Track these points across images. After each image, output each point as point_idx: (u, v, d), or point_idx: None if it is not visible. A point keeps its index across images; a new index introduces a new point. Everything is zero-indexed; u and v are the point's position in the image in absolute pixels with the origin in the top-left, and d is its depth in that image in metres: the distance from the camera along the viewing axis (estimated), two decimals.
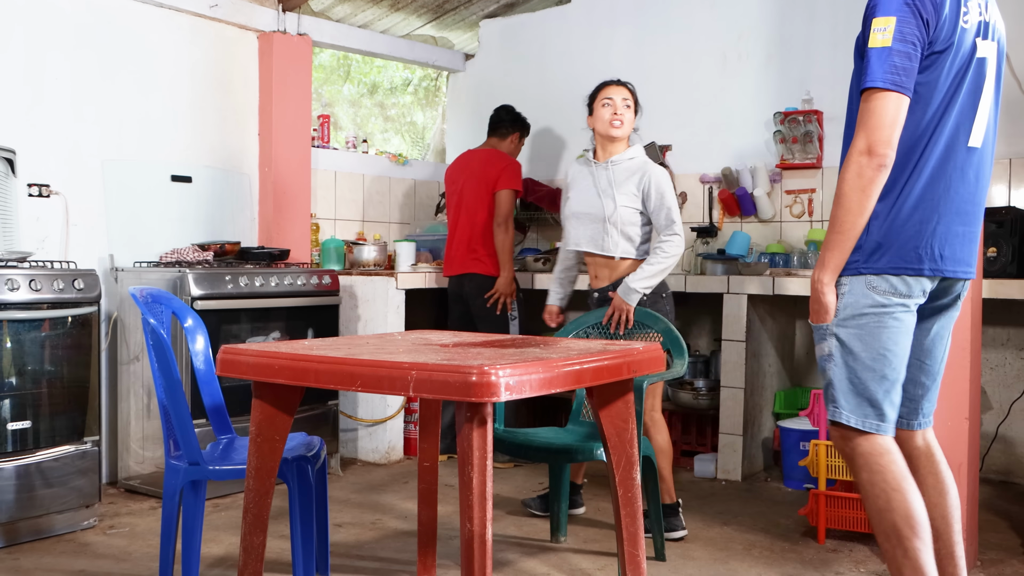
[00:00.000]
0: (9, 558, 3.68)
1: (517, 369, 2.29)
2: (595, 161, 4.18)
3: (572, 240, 4.21)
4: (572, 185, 4.26)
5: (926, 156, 2.54)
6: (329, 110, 6.91)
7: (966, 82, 2.55)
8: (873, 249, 2.56)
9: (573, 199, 4.21)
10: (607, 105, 4.12)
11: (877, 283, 2.57)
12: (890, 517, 2.53)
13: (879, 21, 2.48)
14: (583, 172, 4.24)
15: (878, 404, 2.59)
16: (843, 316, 2.60)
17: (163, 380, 3.11)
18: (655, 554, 3.70)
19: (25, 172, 4.53)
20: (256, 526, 2.83)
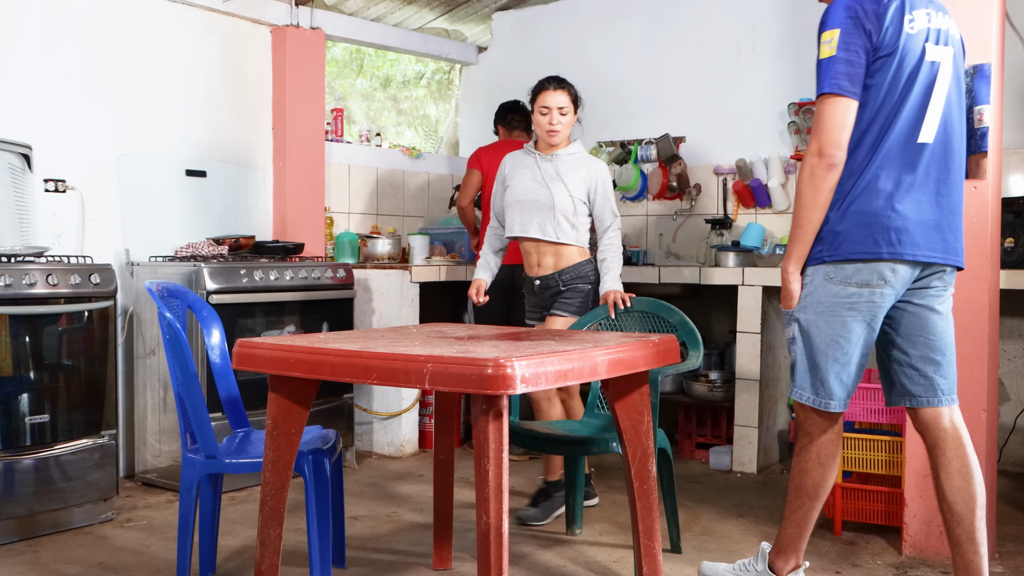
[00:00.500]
0: (29, 551, 3.71)
1: (533, 361, 2.29)
2: (538, 152, 4.19)
3: (517, 227, 4.17)
4: (512, 175, 4.23)
5: (879, 152, 2.77)
6: (342, 104, 6.91)
7: (916, 83, 2.77)
8: (832, 239, 2.81)
9: (516, 187, 4.18)
10: (544, 114, 4.11)
11: (834, 272, 2.82)
12: (804, 480, 2.99)
13: (825, 35, 2.75)
14: (525, 162, 4.22)
15: (828, 384, 2.88)
16: (804, 303, 2.89)
17: (179, 374, 3.12)
18: (671, 546, 3.70)
19: (41, 168, 4.55)
20: (273, 518, 2.85)
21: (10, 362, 3.76)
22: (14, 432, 3.77)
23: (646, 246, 6.02)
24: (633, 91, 6.10)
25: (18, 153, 4.38)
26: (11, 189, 4.34)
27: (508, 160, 4.30)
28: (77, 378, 3.98)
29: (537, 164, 4.18)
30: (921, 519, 3.62)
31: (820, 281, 2.85)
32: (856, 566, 3.56)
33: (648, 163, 5.99)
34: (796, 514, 3.05)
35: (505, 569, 2.36)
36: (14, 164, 4.36)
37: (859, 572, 3.49)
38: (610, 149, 6.14)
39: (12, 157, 4.35)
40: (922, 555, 3.62)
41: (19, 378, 3.79)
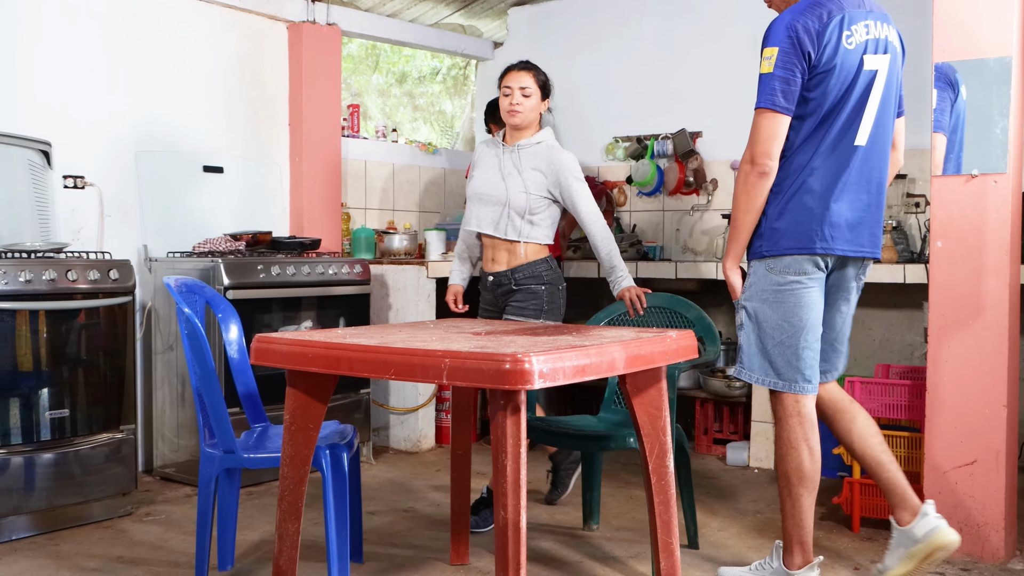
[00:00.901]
0: (50, 544, 3.73)
1: (551, 356, 2.29)
2: (503, 144, 4.02)
3: (474, 221, 4.03)
4: (477, 164, 4.10)
5: (816, 156, 3.01)
6: (358, 100, 6.92)
7: (853, 93, 2.99)
8: (771, 235, 3.05)
9: (477, 179, 4.05)
10: (506, 95, 3.96)
11: (774, 264, 3.05)
12: (783, 467, 3.12)
13: (767, 51, 3.01)
14: (489, 153, 4.07)
15: (776, 366, 3.09)
16: (749, 293, 3.12)
17: (198, 369, 3.13)
18: (688, 541, 3.70)
19: (61, 164, 4.57)
20: (291, 513, 2.85)
21: (30, 357, 3.78)
22: (34, 427, 3.80)
23: (663, 241, 6.00)
24: (649, 86, 6.09)
25: (38, 150, 4.41)
26: (31, 186, 4.37)
27: (478, 149, 4.16)
28: (96, 373, 4.00)
29: (499, 156, 4.00)
30: (941, 515, 3.59)
31: (762, 272, 3.09)
32: (875, 562, 3.53)
33: (664, 158, 5.98)
34: (786, 504, 3.14)
35: (523, 564, 2.36)
36: (34, 161, 4.39)
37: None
38: (626, 144, 6.12)
39: (32, 154, 4.38)
40: None
41: (39, 373, 3.81)
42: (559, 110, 6.34)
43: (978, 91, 3.53)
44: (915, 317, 5.12)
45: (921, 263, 4.55)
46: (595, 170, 6.31)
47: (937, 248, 3.63)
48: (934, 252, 3.64)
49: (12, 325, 3.72)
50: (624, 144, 6.14)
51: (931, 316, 3.66)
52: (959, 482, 3.57)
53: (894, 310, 5.23)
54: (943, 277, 3.62)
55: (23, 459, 3.76)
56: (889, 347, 5.26)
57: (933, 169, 3.63)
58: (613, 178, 6.24)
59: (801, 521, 3.12)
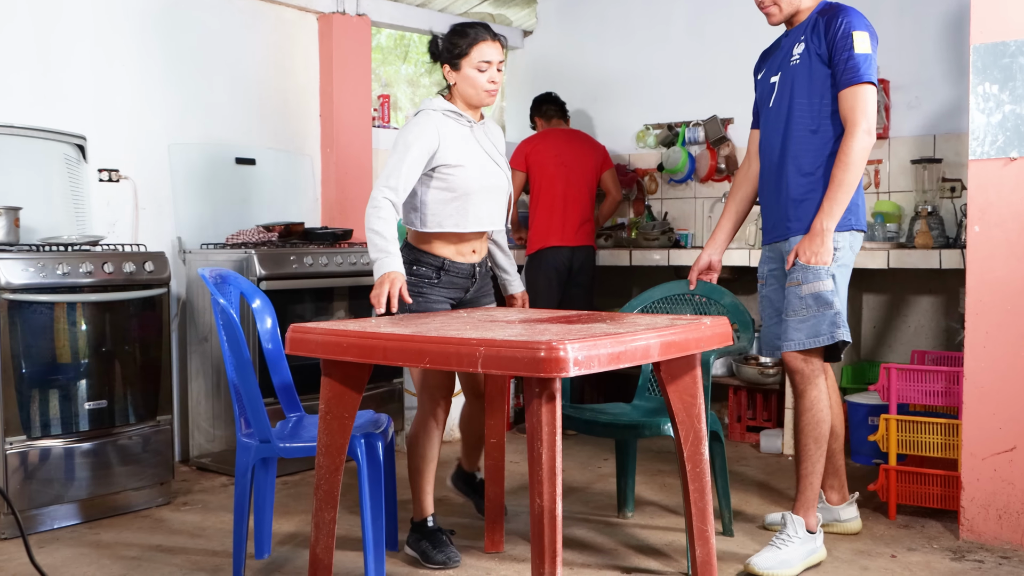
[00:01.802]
0: (90, 533, 3.78)
1: (586, 344, 2.29)
2: (471, 120, 3.43)
3: (472, 219, 3.40)
4: (453, 147, 3.36)
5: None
6: (388, 90, 6.93)
7: None
8: (856, 211, 3.35)
9: (471, 168, 3.37)
10: (483, 70, 3.35)
11: (853, 240, 3.36)
12: (825, 428, 3.37)
13: (859, 34, 3.26)
14: (462, 134, 3.40)
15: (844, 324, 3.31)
16: (841, 262, 3.32)
17: (233, 359, 3.15)
18: (722, 529, 3.69)
19: (95, 158, 4.62)
20: (327, 502, 2.87)
21: (68, 349, 3.83)
22: (74, 418, 3.84)
23: (694, 229, 5.97)
24: (680, 72, 6.05)
25: (73, 144, 4.45)
26: (67, 179, 4.42)
27: (432, 122, 3.35)
28: (133, 364, 4.04)
29: (475, 137, 3.44)
30: (979, 503, 3.57)
31: (847, 244, 3.34)
32: (912, 550, 3.52)
33: (696, 145, 5.95)
34: (818, 464, 3.38)
35: (559, 552, 2.37)
36: (70, 155, 4.43)
37: (915, 556, 3.45)
38: (657, 132, 6.10)
39: (68, 148, 4.43)
40: (980, 539, 3.57)
41: (77, 365, 3.86)
42: (589, 98, 6.33)
43: (1017, 73, 3.49)
44: (951, 303, 5.07)
45: (957, 248, 4.50)
46: (626, 158, 6.29)
47: (975, 233, 3.59)
48: (971, 237, 3.60)
49: (50, 317, 3.77)
50: (655, 131, 6.11)
51: (968, 302, 3.62)
52: (997, 469, 3.54)
53: (929, 296, 5.18)
54: (980, 262, 3.58)
55: (63, 449, 3.81)
56: (924, 333, 5.21)
57: (970, 152, 3.59)
58: (644, 166, 6.21)
59: (832, 468, 3.59)
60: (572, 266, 5.55)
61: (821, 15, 3.38)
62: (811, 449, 3.37)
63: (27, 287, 3.69)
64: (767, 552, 3.28)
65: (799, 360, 3.36)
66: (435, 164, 3.34)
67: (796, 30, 3.46)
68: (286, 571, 3.36)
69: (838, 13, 3.33)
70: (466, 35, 3.36)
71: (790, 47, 3.46)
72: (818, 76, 3.34)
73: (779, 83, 3.46)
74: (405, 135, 3.34)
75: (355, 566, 3.35)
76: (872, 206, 5.29)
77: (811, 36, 3.37)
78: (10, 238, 3.89)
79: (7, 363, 3.65)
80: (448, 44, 3.38)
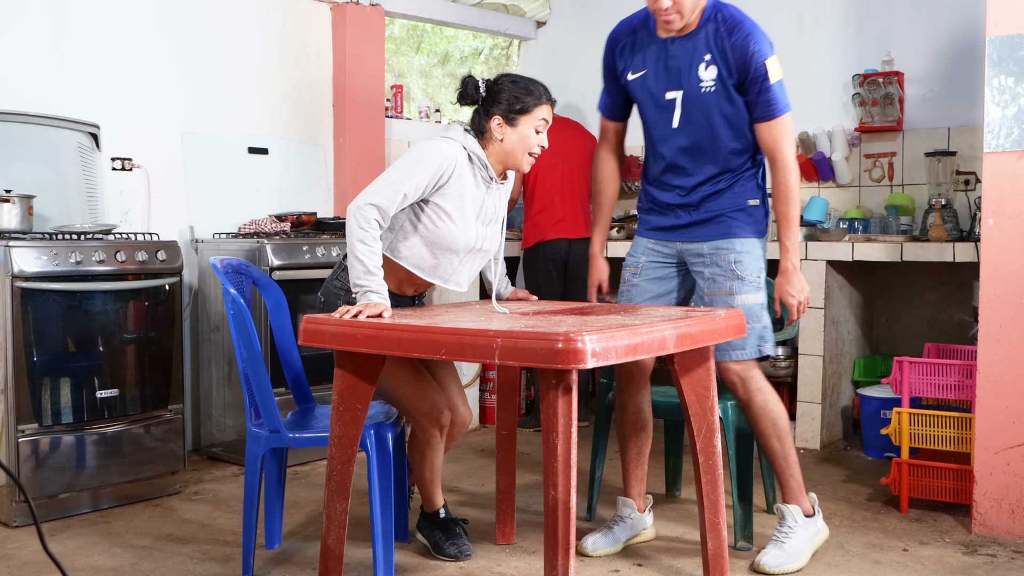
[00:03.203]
0: (101, 521, 3.79)
1: (603, 335, 2.28)
2: (495, 179, 3.19)
3: (452, 280, 3.20)
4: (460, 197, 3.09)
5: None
6: (401, 81, 6.92)
7: None
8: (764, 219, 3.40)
9: (465, 229, 3.10)
10: (541, 130, 3.16)
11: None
12: (782, 424, 3.33)
13: (773, 59, 3.16)
14: (476, 189, 3.13)
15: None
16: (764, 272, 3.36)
17: (244, 349, 3.15)
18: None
19: (109, 147, 4.62)
20: (339, 493, 2.87)
21: (80, 338, 3.83)
22: (86, 406, 3.85)
23: None
24: None
25: (87, 133, 4.46)
26: (80, 168, 4.42)
27: (459, 168, 3.07)
28: (145, 353, 4.04)
29: (489, 197, 3.18)
30: (992, 497, 3.56)
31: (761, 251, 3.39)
32: (924, 544, 3.51)
33: None
34: (790, 455, 3.38)
35: (572, 544, 2.37)
36: (83, 143, 4.44)
37: (927, 550, 3.44)
38: None
39: (81, 136, 4.43)
40: (992, 533, 3.56)
41: (89, 353, 3.86)
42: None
43: None
44: (964, 296, 5.05)
45: (971, 241, 4.48)
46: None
47: (989, 226, 3.57)
48: (985, 230, 3.58)
49: (63, 306, 3.77)
50: None
51: (982, 295, 3.61)
52: (1011, 463, 3.53)
53: (942, 289, 5.16)
54: (994, 255, 3.57)
55: (74, 438, 3.82)
56: (937, 327, 5.19)
57: (985, 145, 3.57)
58: None
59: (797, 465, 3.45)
60: (570, 259, 5.44)
61: (718, 28, 3.18)
62: (777, 447, 3.34)
63: (40, 275, 3.69)
64: (772, 549, 3.27)
65: (734, 372, 3.28)
66: (430, 199, 3.06)
67: (688, 39, 3.22)
68: (296, 561, 3.37)
69: (739, 32, 3.15)
70: (532, 92, 3.12)
71: (688, 61, 3.22)
72: (737, 104, 3.22)
73: (684, 105, 3.25)
74: (424, 158, 3.01)
75: (365, 556, 3.35)
76: (886, 199, 5.27)
77: (718, 58, 3.17)
78: (23, 226, 3.90)
79: (19, 351, 3.66)
80: (510, 96, 3.10)
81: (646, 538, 3.55)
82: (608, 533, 3.45)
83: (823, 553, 3.41)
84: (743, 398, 3.31)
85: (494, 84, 3.16)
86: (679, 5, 3.12)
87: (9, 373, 3.66)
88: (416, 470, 3.36)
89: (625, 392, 3.43)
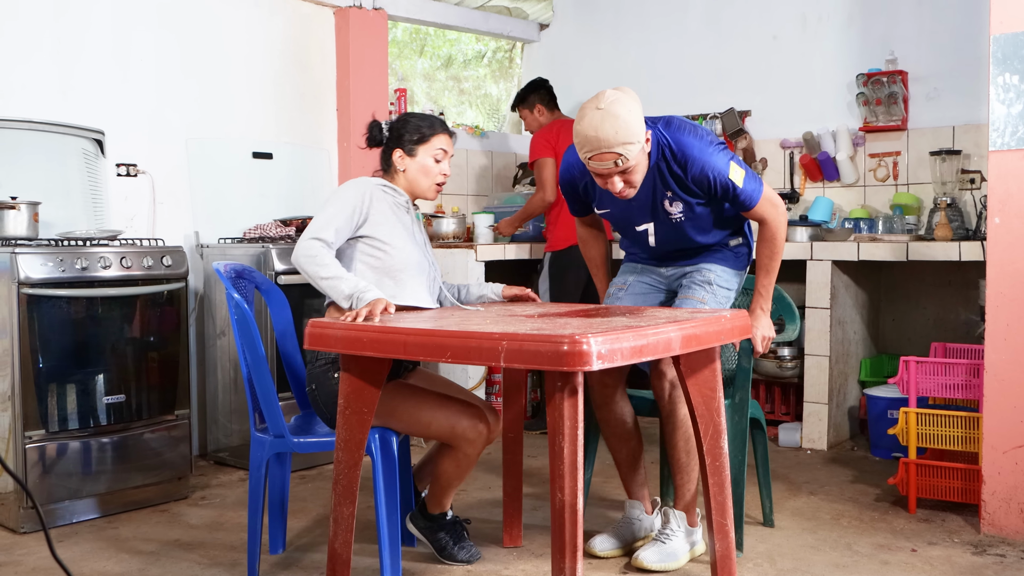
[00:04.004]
0: (109, 527, 3.79)
1: (608, 337, 2.28)
2: (410, 204, 3.36)
3: (410, 294, 3.23)
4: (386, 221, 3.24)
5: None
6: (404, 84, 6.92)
7: None
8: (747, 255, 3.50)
9: (404, 243, 3.24)
10: (441, 159, 3.33)
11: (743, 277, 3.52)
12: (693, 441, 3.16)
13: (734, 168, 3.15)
14: (395, 210, 3.28)
15: None
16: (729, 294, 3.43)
17: (248, 354, 3.15)
18: (763, 519, 3.70)
19: (113, 152, 4.62)
20: (346, 497, 2.87)
21: (86, 344, 3.83)
22: (92, 412, 3.85)
23: None
24: (697, 65, 6.03)
25: (91, 139, 4.47)
26: (85, 174, 4.43)
27: (375, 196, 3.24)
28: (151, 359, 4.04)
29: (409, 215, 3.34)
30: (1000, 496, 3.55)
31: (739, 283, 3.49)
32: (932, 544, 3.50)
33: None
34: (693, 471, 3.29)
35: (580, 547, 2.36)
36: (88, 149, 4.45)
37: (936, 550, 3.43)
38: None
39: (86, 143, 4.44)
40: (1001, 533, 3.55)
41: (95, 359, 3.87)
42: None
43: None
44: (970, 295, 5.04)
45: (977, 240, 4.47)
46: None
47: (995, 224, 3.56)
48: (991, 229, 3.57)
49: (69, 312, 3.78)
50: None
51: (988, 294, 3.60)
52: (1019, 462, 3.51)
53: (948, 288, 5.15)
54: (1001, 254, 3.56)
55: (81, 444, 3.82)
56: (943, 326, 5.18)
57: (991, 144, 3.56)
58: None
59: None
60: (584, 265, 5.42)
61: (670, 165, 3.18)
62: (684, 460, 3.29)
63: (46, 282, 3.70)
64: (653, 547, 3.29)
65: (668, 379, 3.23)
66: (363, 234, 3.19)
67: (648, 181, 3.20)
68: (301, 566, 3.37)
69: (693, 165, 3.14)
70: (426, 122, 3.33)
71: (650, 200, 3.24)
72: (710, 213, 3.29)
73: (657, 232, 3.34)
74: (341, 193, 3.21)
75: (372, 561, 3.35)
76: (891, 198, 5.26)
77: (679, 192, 3.20)
78: (29, 233, 3.90)
79: (26, 357, 3.66)
80: (409, 128, 3.31)
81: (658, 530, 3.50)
82: (617, 534, 3.44)
83: (831, 554, 3.40)
84: (667, 407, 3.25)
85: (395, 123, 3.37)
86: (631, 180, 3.11)
87: (16, 379, 3.66)
88: (443, 478, 3.25)
89: (602, 409, 3.41)
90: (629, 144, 2.98)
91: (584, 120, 2.99)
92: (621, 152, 2.98)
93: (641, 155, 3.06)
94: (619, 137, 2.96)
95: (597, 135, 2.96)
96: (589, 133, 2.97)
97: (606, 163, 3.00)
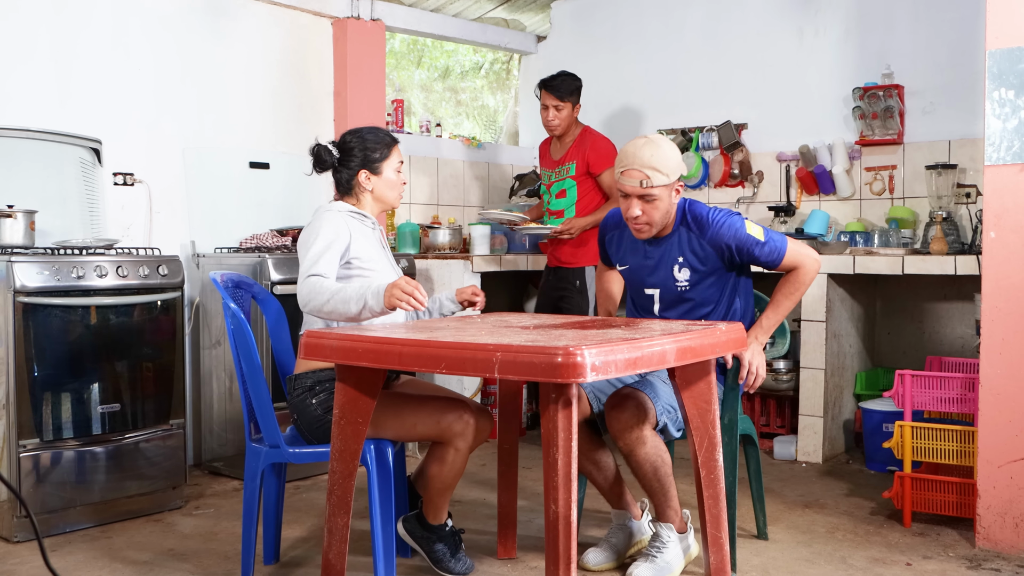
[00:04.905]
0: (103, 536, 3.78)
1: (603, 349, 2.28)
2: (376, 224, 3.47)
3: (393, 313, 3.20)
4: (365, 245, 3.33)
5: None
6: (402, 95, 6.94)
7: None
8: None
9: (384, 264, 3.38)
10: (400, 170, 3.46)
11: None
12: (665, 468, 3.21)
13: (750, 226, 3.30)
14: (367, 234, 3.37)
15: None
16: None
17: (244, 364, 3.15)
18: (757, 532, 3.69)
19: (110, 162, 4.63)
20: (340, 507, 2.87)
21: (81, 353, 3.83)
22: (87, 421, 3.85)
23: None
24: (694, 78, 6.05)
25: (88, 148, 4.47)
26: (82, 183, 4.43)
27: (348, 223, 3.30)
28: (146, 368, 4.04)
29: (377, 238, 3.44)
30: (996, 511, 3.54)
31: None
32: (927, 558, 3.50)
33: (709, 150, 5.94)
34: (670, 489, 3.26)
35: (574, 559, 2.36)
36: (85, 158, 4.45)
37: (931, 564, 3.43)
38: (671, 137, 6.09)
39: (83, 151, 4.44)
40: (996, 547, 3.55)
41: (91, 368, 3.86)
42: (603, 103, 6.32)
43: None
44: (966, 309, 5.04)
45: (972, 254, 4.48)
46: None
47: (990, 239, 3.57)
48: (987, 243, 3.58)
49: (64, 321, 3.77)
50: (669, 136, 6.10)
51: (984, 308, 3.60)
52: (1014, 476, 3.52)
53: (944, 302, 5.16)
54: (996, 268, 3.56)
55: (75, 453, 3.82)
56: (939, 340, 5.19)
57: (986, 158, 3.57)
58: None
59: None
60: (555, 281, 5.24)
61: (690, 230, 3.35)
62: (655, 486, 3.23)
63: (41, 290, 3.69)
64: (645, 563, 3.26)
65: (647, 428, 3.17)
66: (348, 257, 3.26)
67: (664, 241, 3.39)
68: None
69: (710, 227, 3.31)
70: (381, 138, 3.41)
71: (662, 262, 3.40)
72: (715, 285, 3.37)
73: (662, 299, 3.43)
74: (320, 230, 3.23)
75: (366, 572, 3.34)
76: (887, 212, 5.27)
77: (692, 259, 3.34)
78: (26, 241, 3.90)
79: (21, 366, 3.66)
80: (365, 149, 3.38)
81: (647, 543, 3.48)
82: (609, 546, 3.43)
83: (826, 567, 3.40)
84: (624, 447, 3.18)
85: (344, 144, 3.42)
86: (649, 216, 3.29)
87: (11, 388, 3.65)
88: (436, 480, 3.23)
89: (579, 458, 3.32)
90: (658, 171, 3.22)
91: (630, 143, 3.30)
92: (649, 174, 3.21)
93: (666, 193, 3.27)
94: (652, 161, 3.22)
95: (635, 153, 3.25)
96: (629, 150, 3.28)
97: (633, 180, 3.23)
